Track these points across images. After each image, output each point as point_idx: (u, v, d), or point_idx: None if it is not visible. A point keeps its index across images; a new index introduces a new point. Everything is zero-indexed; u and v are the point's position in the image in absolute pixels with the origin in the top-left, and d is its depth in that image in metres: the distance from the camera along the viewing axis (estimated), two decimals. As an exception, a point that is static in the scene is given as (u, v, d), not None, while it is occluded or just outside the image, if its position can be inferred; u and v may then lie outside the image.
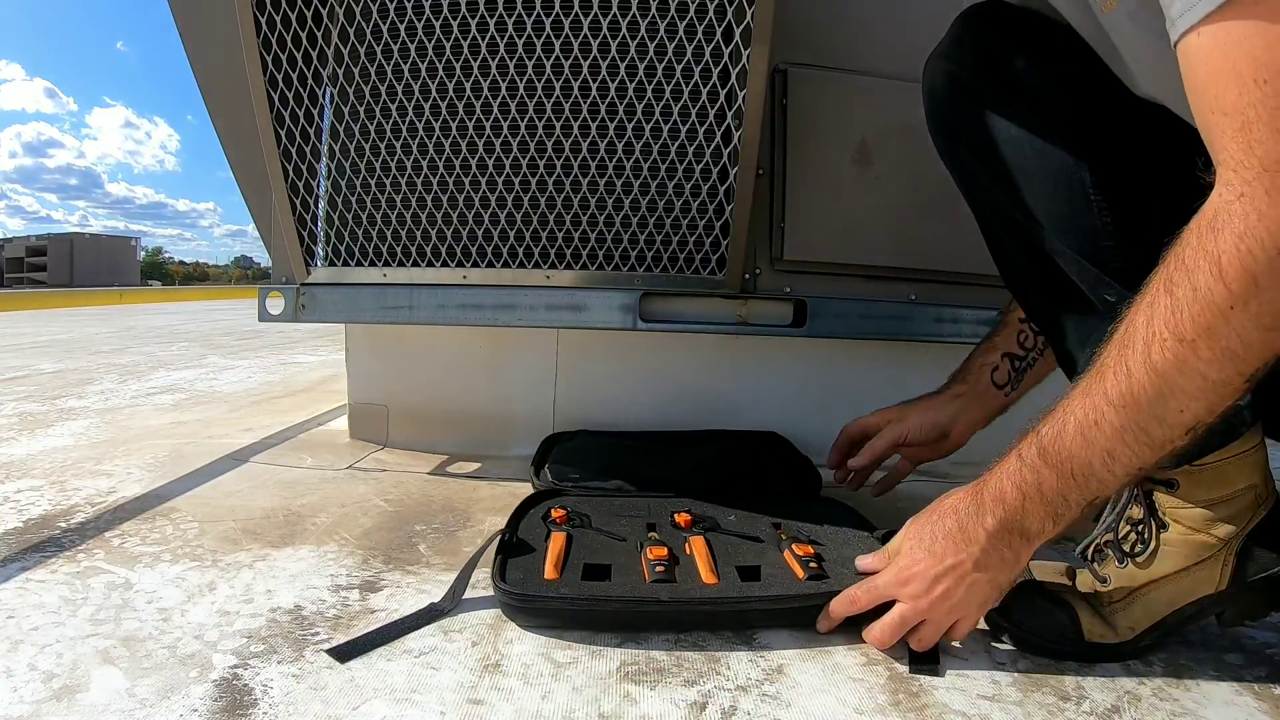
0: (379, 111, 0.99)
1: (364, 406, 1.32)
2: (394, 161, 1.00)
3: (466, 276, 1.03)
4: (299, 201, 1.04)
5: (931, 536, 0.61)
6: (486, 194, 0.99)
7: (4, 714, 0.50)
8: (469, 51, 0.93)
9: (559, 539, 0.76)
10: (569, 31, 0.92)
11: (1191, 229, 0.46)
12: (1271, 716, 0.55)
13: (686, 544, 0.76)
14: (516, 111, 0.96)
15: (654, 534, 0.79)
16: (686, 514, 0.84)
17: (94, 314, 6.22)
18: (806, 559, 0.72)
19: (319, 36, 0.97)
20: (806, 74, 1.08)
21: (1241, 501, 0.59)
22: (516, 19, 0.92)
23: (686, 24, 0.91)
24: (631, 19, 0.91)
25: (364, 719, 0.51)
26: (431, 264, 1.04)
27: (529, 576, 0.68)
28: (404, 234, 1.03)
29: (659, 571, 0.69)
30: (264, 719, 0.51)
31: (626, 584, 0.68)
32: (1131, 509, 0.63)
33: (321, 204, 1.06)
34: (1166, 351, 0.47)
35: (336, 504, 0.98)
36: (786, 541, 0.77)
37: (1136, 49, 0.56)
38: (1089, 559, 0.65)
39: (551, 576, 0.69)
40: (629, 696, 0.55)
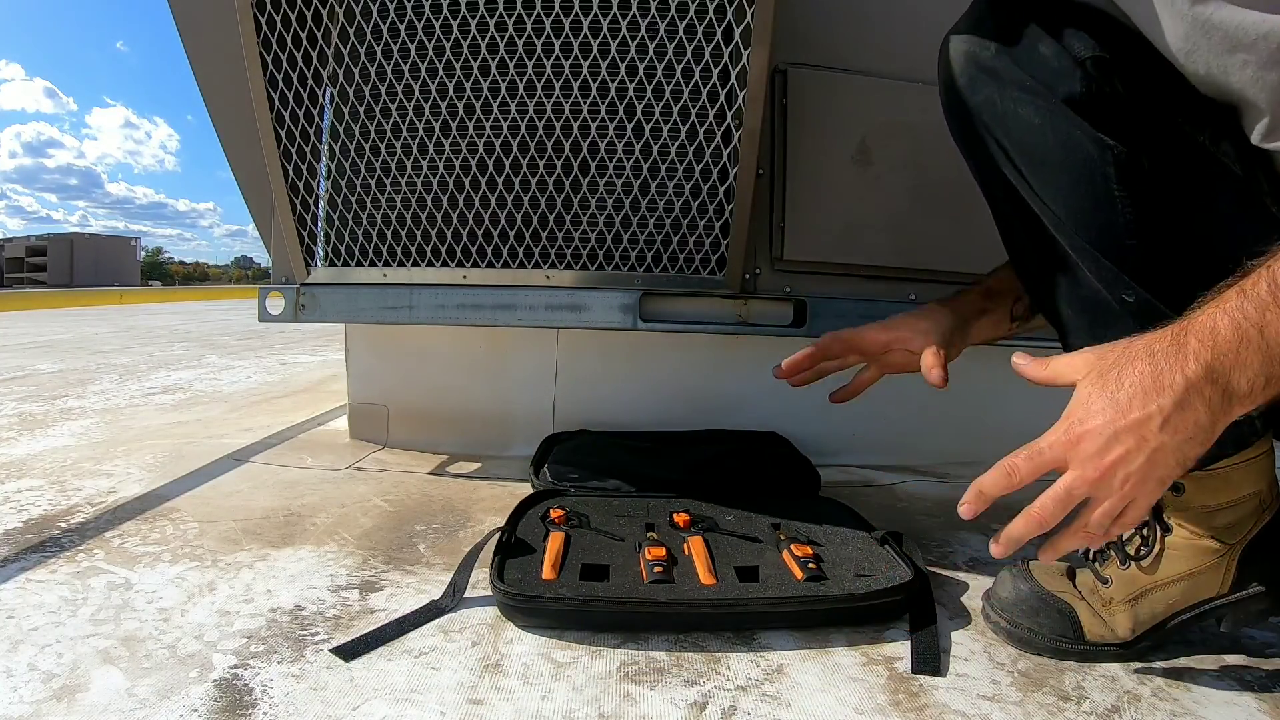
0: (379, 111, 0.99)
1: (364, 406, 1.32)
2: (394, 161, 1.00)
3: (466, 276, 1.03)
4: (299, 201, 1.04)
5: (1116, 381, 0.49)
6: (486, 194, 0.99)
7: (4, 714, 0.50)
8: (469, 51, 0.93)
9: (557, 539, 0.76)
10: (569, 31, 0.92)
11: None
12: (1271, 716, 0.55)
13: (685, 544, 0.76)
14: (516, 111, 0.96)
15: (652, 534, 0.79)
16: (685, 514, 0.84)
17: (94, 314, 6.22)
18: (805, 559, 0.72)
19: (319, 36, 0.97)
20: (806, 74, 1.08)
21: (1246, 508, 0.59)
22: (516, 19, 0.92)
23: (686, 24, 0.91)
24: (631, 19, 0.91)
25: (364, 719, 0.51)
26: (431, 264, 1.04)
27: (527, 577, 0.68)
28: (404, 234, 1.03)
29: (657, 572, 0.69)
30: (264, 719, 0.51)
31: (624, 584, 0.68)
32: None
33: (321, 204, 1.06)
34: None
35: (336, 504, 0.98)
36: (785, 542, 0.77)
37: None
38: (1091, 559, 0.65)
39: (550, 577, 0.69)
40: (629, 696, 0.55)
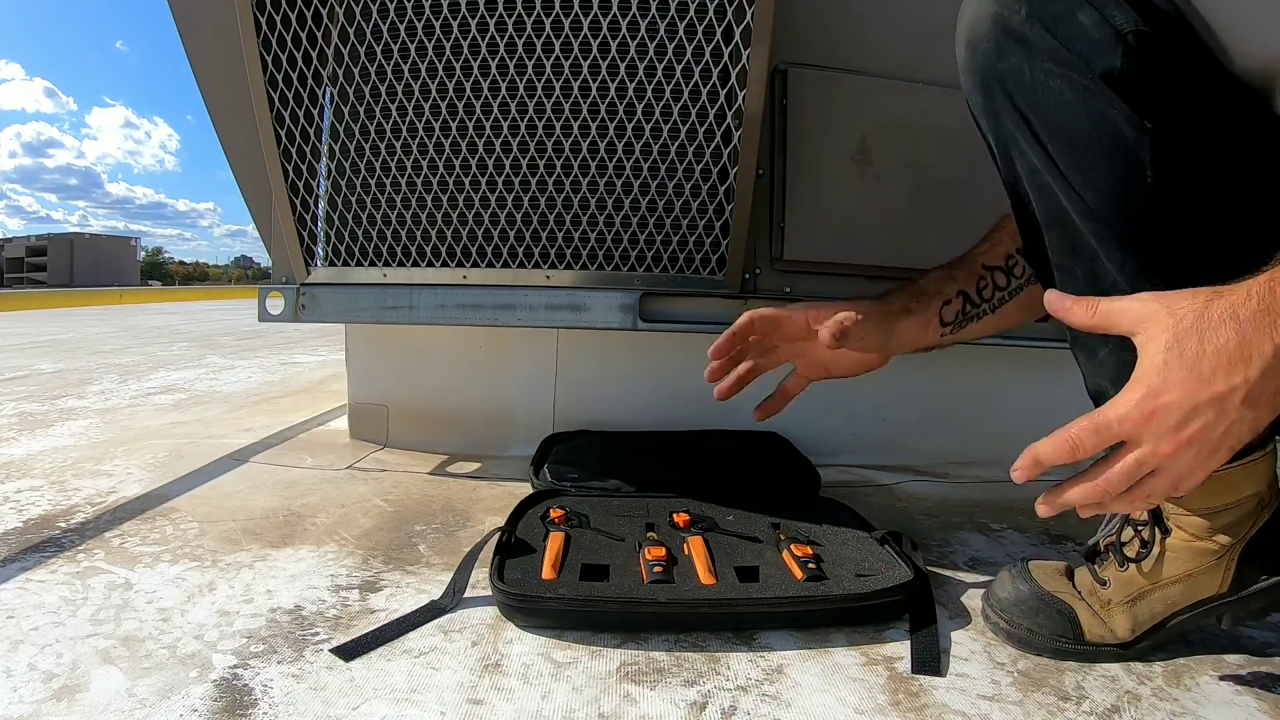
0: (379, 111, 0.99)
1: (364, 406, 1.32)
2: (394, 161, 1.00)
3: (466, 276, 1.03)
4: (299, 201, 1.04)
5: (1198, 350, 0.44)
6: (486, 194, 0.99)
7: (4, 714, 0.50)
8: (469, 51, 0.93)
9: (557, 539, 0.76)
10: (569, 31, 0.92)
11: None
12: (1271, 716, 0.55)
13: (685, 544, 0.76)
14: (516, 111, 0.96)
15: (652, 534, 0.79)
16: (685, 514, 0.84)
17: (94, 314, 6.22)
18: (805, 559, 0.72)
19: (319, 36, 0.97)
20: (806, 74, 1.08)
21: (1245, 508, 0.58)
22: (516, 19, 0.92)
23: (686, 24, 0.91)
24: (631, 19, 0.91)
25: (364, 719, 0.51)
26: (431, 264, 1.04)
27: (527, 576, 0.68)
28: (404, 234, 1.03)
29: (657, 572, 0.69)
30: (264, 719, 0.51)
31: (624, 584, 0.68)
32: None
33: (321, 204, 1.06)
34: None
35: (336, 504, 0.98)
36: (785, 542, 0.77)
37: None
38: (1090, 560, 0.65)
39: (549, 577, 0.69)
40: (629, 696, 0.55)
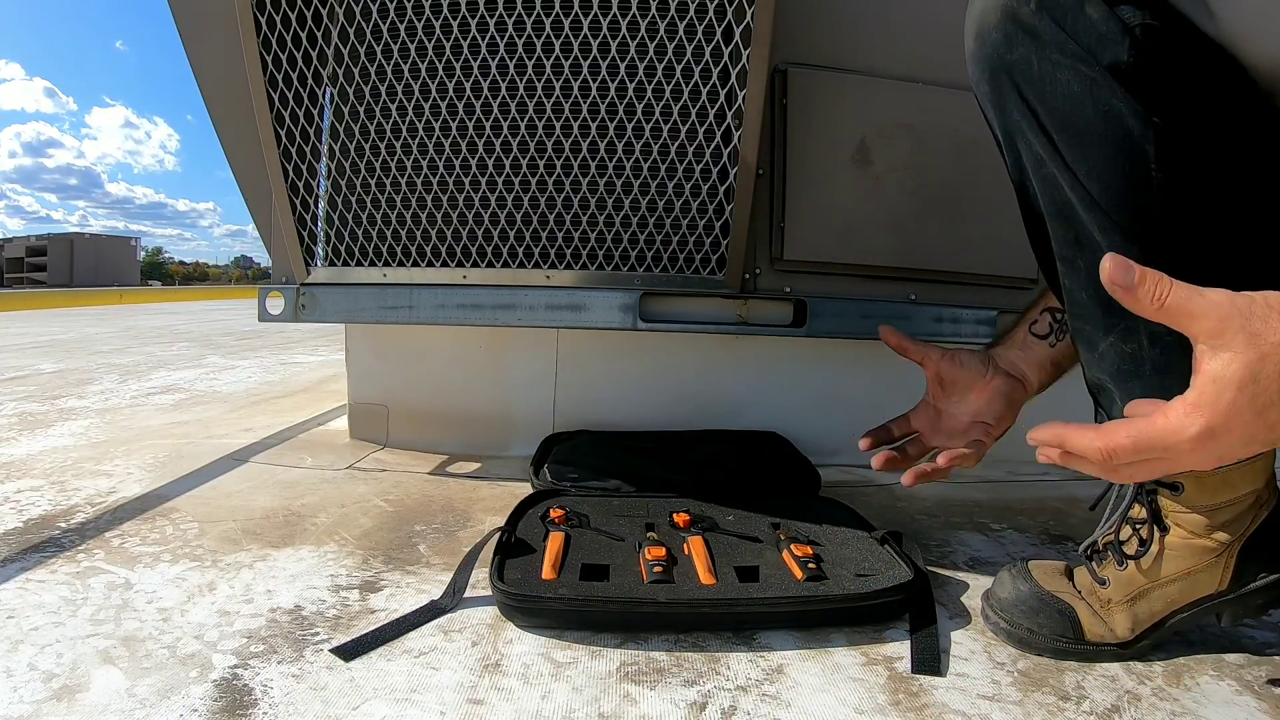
0: (379, 111, 0.99)
1: (364, 406, 1.32)
2: (394, 161, 1.00)
3: (466, 276, 1.03)
4: (299, 201, 1.04)
5: (1269, 397, 0.41)
6: (486, 194, 0.99)
7: (4, 714, 0.50)
8: (469, 51, 0.93)
9: (557, 539, 0.76)
10: (569, 31, 0.92)
11: None
12: (1271, 716, 0.55)
13: (685, 544, 0.76)
14: (516, 111, 0.96)
15: (652, 534, 0.79)
16: (685, 514, 0.84)
17: (94, 314, 6.22)
18: (805, 559, 0.72)
19: (319, 36, 0.97)
20: (806, 74, 1.08)
21: (1243, 505, 0.59)
22: (516, 19, 0.92)
23: (686, 24, 0.91)
24: (631, 19, 0.91)
25: (364, 719, 0.51)
26: (431, 264, 1.04)
27: (527, 576, 0.68)
28: (404, 234, 1.03)
29: (657, 572, 0.69)
30: (264, 719, 0.51)
31: (624, 584, 0.68)
32: (1134, 510, 0.63)
33: (321, 204, 1.06)
34: None
35: (336, 504, 0.98)
36: (785, 542, 0.77)
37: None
38: (1088, 559, 0.65)
39: (549, 577, 0.69)
40: (629, 696, 0.55)
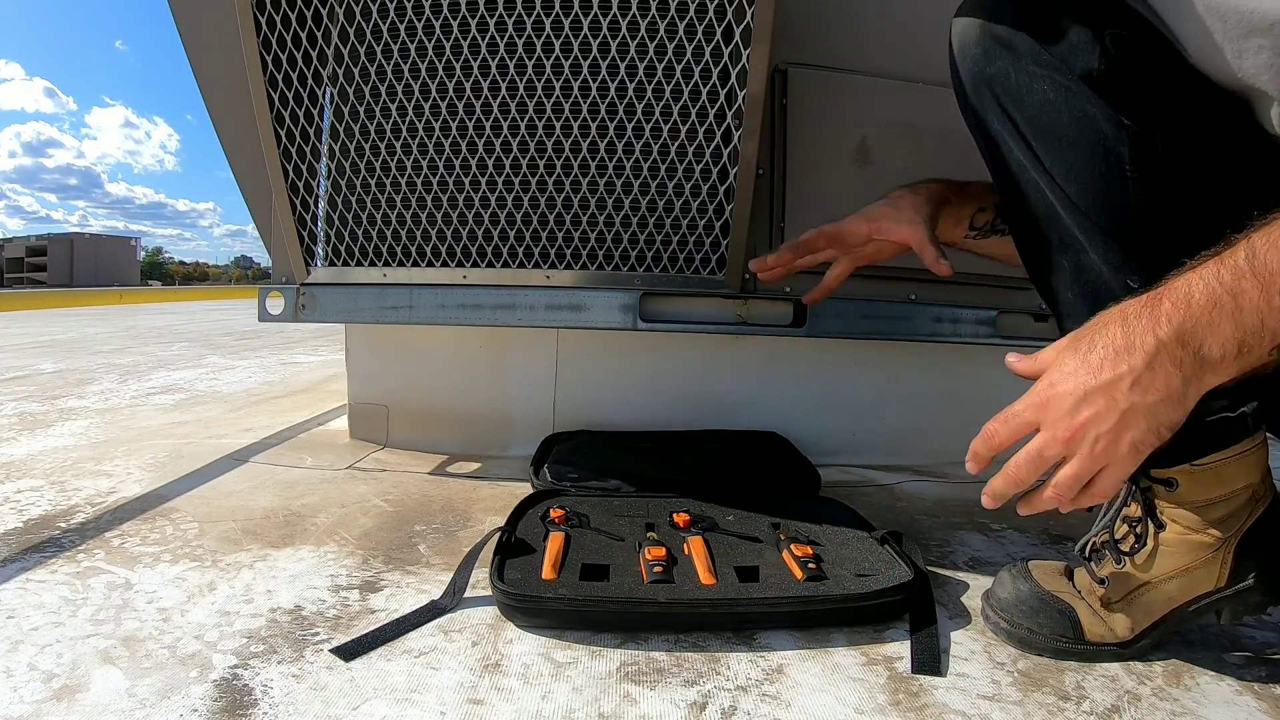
0: (379, 111, 0.99)
1: (364, 406, 1.32)
2: (394, 161, 1.00)
3: (466, 276, 1.03)
4: (299, 201, 1.03)
5: (1089, 345, 0.51)
6: (486, 194, 0.99)
7: (4, 714, 0.50)
8: (469, 51, 0.93)
9: (557, 539, 0.76)
10: (569, 31, 0.92)
11: None
12: (1271, 716, 0.55)
13: (685, 544, 0.76)
14: (516, 111, 0.96)
15: (652, 534, 0.79)
16: (685, 514, 0.84)
17: (94, 314, 6.22)
18: (805, 559, 0.72)
19: (319, 36, 0.97)
20: (806, 74, 1.08)
21: (1238, 500, 0.59)
22: (516, 19, 0.92)
23: (686, 24, 0.91)
24: (631, 19, 0.91)
25: (364, 719, 0.51)
26: (431, 264, 1.04)
27: (527, 576, 0.68)
28: (404, 234, 1.03)
29: (657, 572, 0.69)
30: (264, 719, 0.51)
31: (624, 584, 0.68)
32: (1129, 507, 0.63)
33: (321, 204, 1.06)
34: None
35: (336, 504, 0.98)
36: (785, 542, 0.77)
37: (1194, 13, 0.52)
38: (1087, 558, 0.65)
39: (549, 577, 0.69)
40: (629, 696, 0.55)
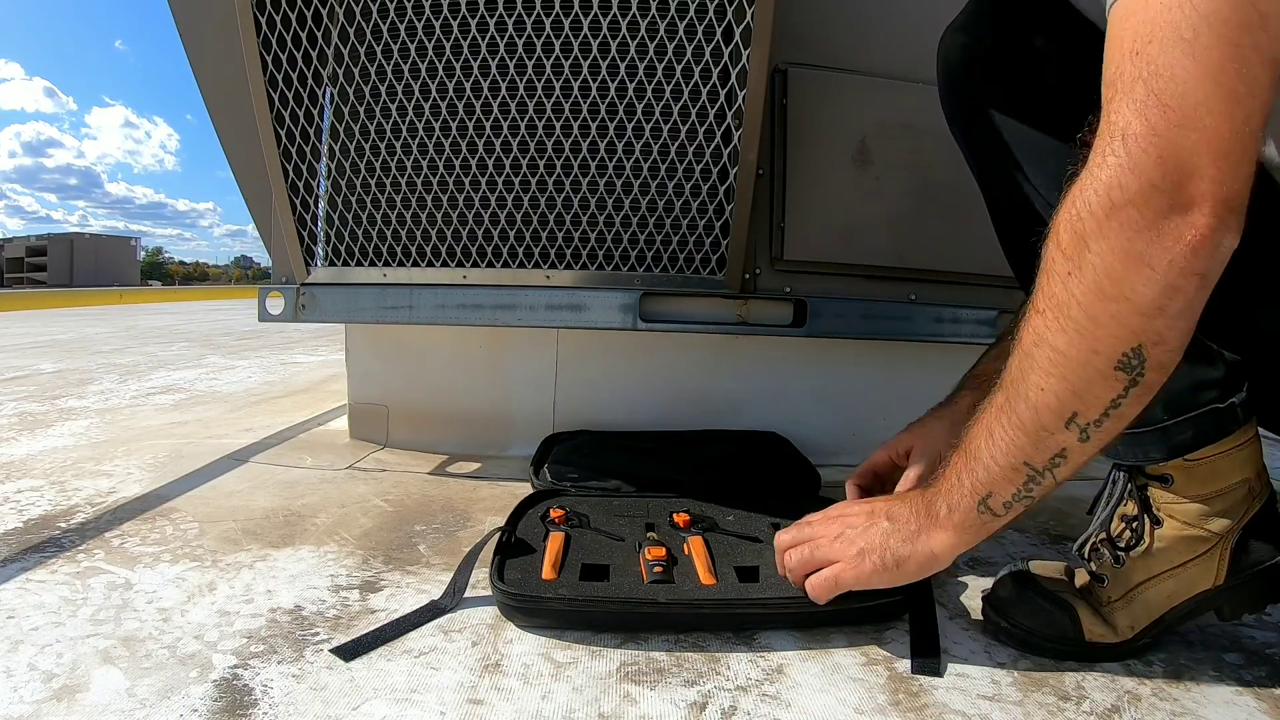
0: (379, 111, 0.99)
1: (364, 406, 1.32)
2: (394, 161, 1.00)
3: (466, 276, 1.03)
4: (299, 201, 1.04)
5: (898, 493, 0.65)
6: (486, 194, 0.99)
7: (4, 714, 0.50)
8: (469, 51, 0.93)
9: (557, 539, 0.76)
10: (569, 31, 0.92)
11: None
12: (1271, 716, 0.55)
13: (685, 544, 0.76)
14: (516, 111, 0.96)
15: (652, 534, 0.79)
16: (685, 514, 0.84)
17: (94, 314, 6.22)
18: (806, 559, 0.72)
19: (319, 36, 0.97)
20: (806, 74, 1.08)
21: (1235, 496, 0.59)
22: (516, 19, 0.92)
23: (686, 24, 0.91)
24: (631, 19, 0.91)
25: (364, 719, 0.51)
26: (431, 264, 1.04)
27: (527, 577, 0.68)
28: (404, 234, 1.03)
29: (657, 572, 0.69)
30: (264, 719, 0.51)
31: (624, 585, 0.68)
32: (1125, 505, 0.63)
33: (321, 204, 1.06)
34: (1029, 325, 0.50)
35: (336, 504, 0.98)
36: (786, 541, 0.77)
37: None
38: (1085, 558, 0.65)
39: (549, 577, 0.69)
40: (629, 696, 0.55)
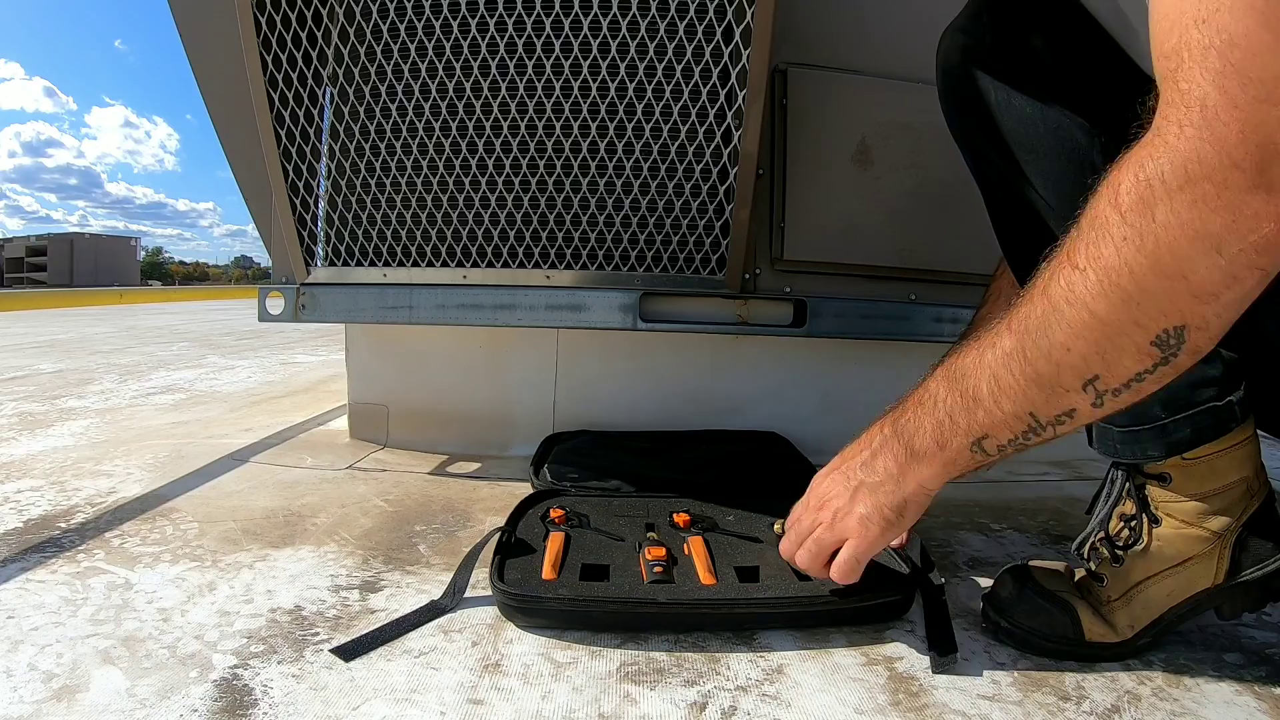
0: (379, 111, 0.99)
1: (364, 406, 1.32)
2: (394, 161, 1.00)
3: (466, 276, 1.03)
4: (299, 201, 1.04)
5: (841, 455, 0.63)
6: (486, 194, 0.99)
7: (4, 714, 0.50)
8: (469, 51, 0.93)
9: (557, 539, 0.76)
10: (569, 31, 0.92)
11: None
12: (1271, 716, 0.55)
13: (685, 544, 0.76)
14: (516, 111, 0.96)
15: (652, 534, 0.79)
16: (685, 514, 0.84)
17: (94, 314, 6.22)
18: (806, 559, 0.72)
19: (319, 36, 0.97)
20: (806, 74, 1.08)
21: (1233, 494, 0.59)
22: (516, 19, 0.92)
23: (686, 24, 0.91)
24: (631, 19, 0.91)
25: (364, 719, 0.51)
26: (431, 264, 1.04)
27: (527, 577, 0.68)
28: (404, 234, 1.03)
29: (657, 572, 0.69)
30: (264, 719, 0.51)
31: (624, 585, 0.68)
32: (1124, 504, 0.63)
33: (321, 204, 1.06)
34: (1059, 278, 0.47)
35: (336, 504, 0.98)
36: (786, 542, 0.77)
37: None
38: (1085, 557, 0.65)
39: (549, 577, 0.69)
40: (629, 697, 0.55)
